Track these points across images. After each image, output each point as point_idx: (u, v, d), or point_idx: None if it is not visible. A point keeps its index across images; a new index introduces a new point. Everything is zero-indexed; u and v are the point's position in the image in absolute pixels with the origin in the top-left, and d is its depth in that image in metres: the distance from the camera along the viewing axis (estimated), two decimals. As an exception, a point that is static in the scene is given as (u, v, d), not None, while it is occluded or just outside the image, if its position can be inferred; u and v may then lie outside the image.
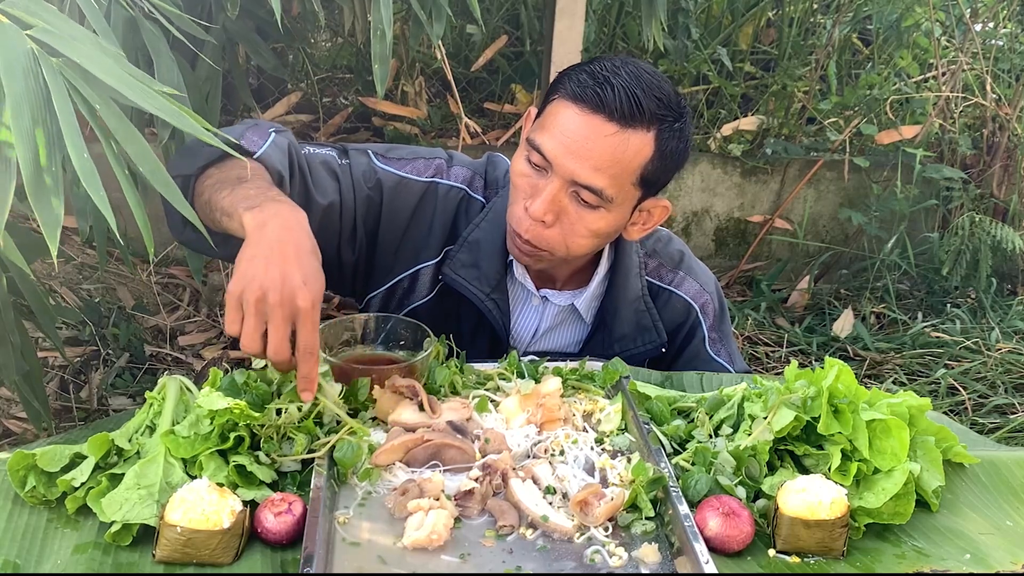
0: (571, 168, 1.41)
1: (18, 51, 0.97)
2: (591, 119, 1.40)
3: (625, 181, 1.44)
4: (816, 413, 1.22)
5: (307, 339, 1.16)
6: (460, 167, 1.67)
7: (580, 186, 1.42)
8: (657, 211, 1.56)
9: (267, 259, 1.15)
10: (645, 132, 1.41)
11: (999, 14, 4.07)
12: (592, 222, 1.46)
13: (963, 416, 2.99)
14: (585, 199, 1.44)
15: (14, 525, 1.09)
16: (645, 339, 1.68)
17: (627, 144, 1.41)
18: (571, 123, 1.41)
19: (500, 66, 3.87)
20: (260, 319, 1.15)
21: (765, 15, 4.11)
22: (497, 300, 1.62)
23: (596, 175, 1.41)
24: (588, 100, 1.40)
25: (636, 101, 1.39)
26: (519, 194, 1.49)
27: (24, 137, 0.94)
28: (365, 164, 1.59)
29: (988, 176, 3.79)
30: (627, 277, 1.66)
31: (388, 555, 1.07)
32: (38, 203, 0.94)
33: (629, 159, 1.42)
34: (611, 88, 1.39)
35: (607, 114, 1.39)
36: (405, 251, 1.63)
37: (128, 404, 2.70)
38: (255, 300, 1.14)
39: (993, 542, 1.17)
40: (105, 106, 1.03)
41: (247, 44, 2.37)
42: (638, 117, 1.40)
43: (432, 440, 1.22)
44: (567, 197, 1.44)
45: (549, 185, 1.44)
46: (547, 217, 1.45)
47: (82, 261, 3.14)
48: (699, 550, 1.05)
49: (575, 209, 1.45)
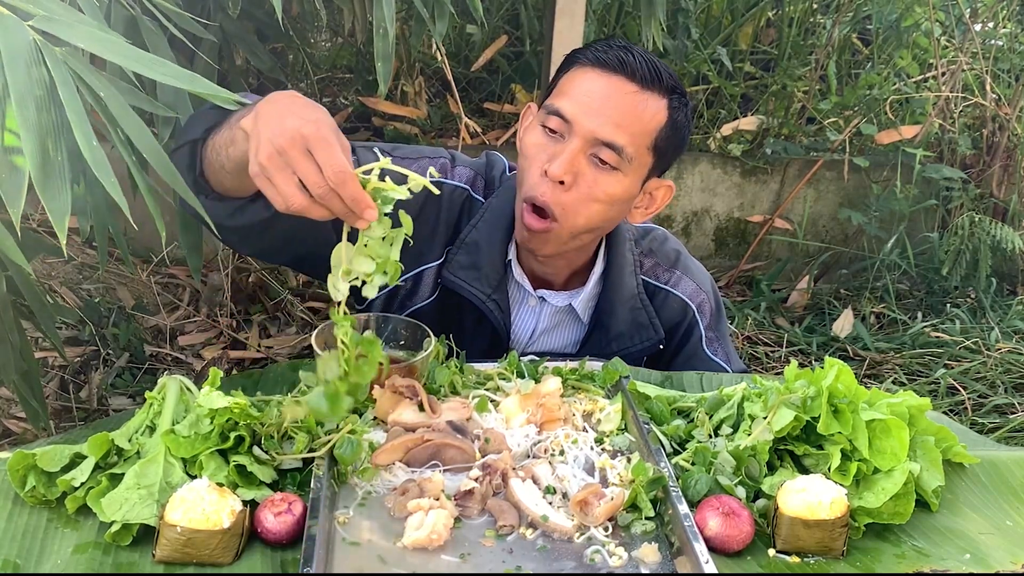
0: (593, 126, 1.45)
1: (20, 42, 0.97)
2: (613, 79, 1.46)
3: (642, 143, 1.48)
4: (816, 413, 1.22)
5: (330, 162, 1.09)
6: (463, 167, 1.67)
7: (601, 143, 1.45)
8: (660, 192, 1.59)
9: (267, 123, 1.11)
10: (660, 98, 1.48)
11: (999, 14, 4.07)
12: (609, 185, 1.48)
13: (963, 416, 2.99)
14: (604, 159, 1.46)
15: (14, 525, 1.09)
16: (642, 336, 1.68)
17: (646, 104, 1.47)
18: (593, 84, 1.47)
19: (500, 66, 3.87)
20: (285, 171, 1.10)
21: (765, 15, 4.11)
22: (498, 301, 1.62)
23: (618, 131, 1.45)
24: (610, 62, 1.46)
25: (655, 67, 1.48)
26: (533, 162, 1.50)
27: (30, 128, 0.94)
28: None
29: (988, 176, 3.80)
30: (621, 276, 1.66)
31: (388, 555, 1.07)
32: (46, 194, 0.94)
33: (647, 119, 1.47)
34: (632, 54, 1.47)
35: (628, 74, 1.46)
36: (409, 252, 1.62)
37: (128, 404, 2.70)
38: (268, 157, 1.09)
39: (993, 542, 1.17)
40: (110, 94, 1.03)
41: (244, 45, 2.37)
42: (657, 82, 1.48)
43: (432, 440, 1.22)
44: (585, 159, 1.47)
45: (569, 145, 1.46)
46: (566, 177, 1.46)
47: (82, 261, 3.14)
48: (699, 550, 1.05)
49: (592, 173, 1.47)
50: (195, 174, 1.35)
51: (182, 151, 1.35)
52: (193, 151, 1.35)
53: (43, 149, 0.95)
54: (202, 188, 1.36)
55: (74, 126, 0.97)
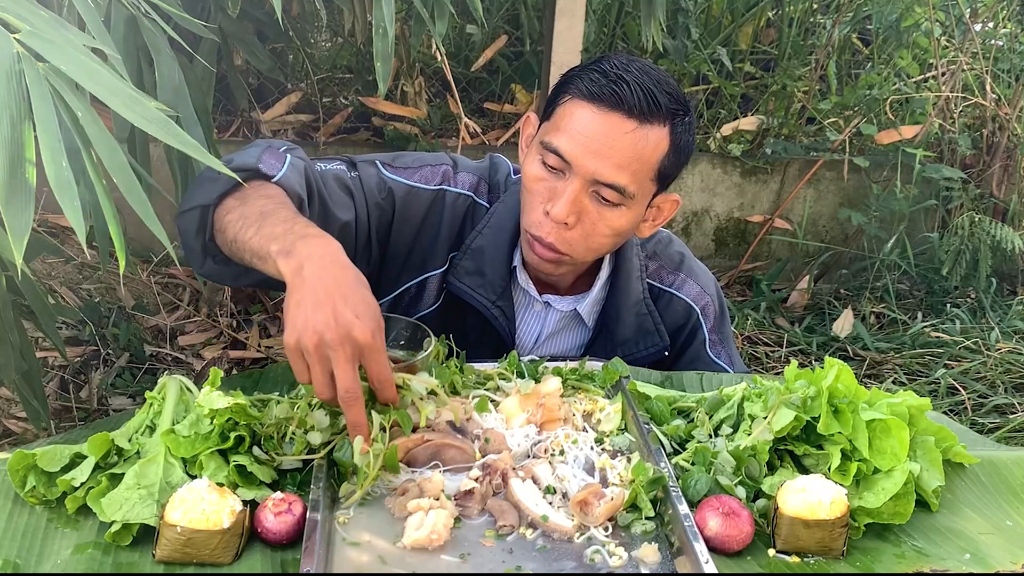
0: (592, 167, 1.41)
1: (3, 55, 0.97)
2: (609, 117, 1.40)
3: (645, 177, 1.45)
4: (816, 413, 1.22)
5: (377, 371, 1.14)
6: (466, 173, 1.66)
7: (602, 185, 1.43)
8: (667, 206, 1.58)
9: (314, 302, 1.12)
10: (661, 127, 1.43)
11: (999, 14, 4.07)
12: (613, 220, 1.47)
13: (963, 416, 2.99)
14: (606, 197, 1.44)
15: (14, 525, 1.09)
16: (648, 342, 1.68)
17: (646, 140, 1.42)
18: (589, 123, 1.41)
19: (500, 66, 3.87)
20: (325, 364, 1.11)
21: (765, 15, 4.11)
22: (503, 307, 1.61)
23: (619, 172, 1.42)
24: (605, 99, 1.40)
25: (652, 97, 1.41)
26: (536, 199, 1.48)
27: (2, 143, 0.93)
28: (375, 175, 1.58)
29: (988, 176, 3.79)
30: (628, 281, 1.66)
31: (388, 555, 1.07)
32: (8, 210, 0.93)
33: (648, 155, 1.43)
34: (627, 85, 1.40)
35: (626, 111, 1.40)
36: (413, 260, 1.62)
37: (128, 404, 2.70)
38: (314, 347, 1.10)
39: (993, 542, 1.17)
40: (87, 114, 1.01)
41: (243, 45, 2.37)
42: (656, 113, 1.41)
43: (432, 440, 1.22)
44: (587, 197, 1.45)
45: (569, 186, 1.43)
46: (570, 219, 1.45)
47: (82, 261, 3.14)
48: (699, 550, 1.05)
49: (596, 209, 1.46)
50: (204, 239, 1.36)
51: (191, 214, 1.34)
52: (204, 216, 1.34)
53: (12, 165, 0.93)
54: (210, 251, 1.37)
55: (42, 145, 0.95)
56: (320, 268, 1.16)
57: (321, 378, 1.12)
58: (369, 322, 1.12)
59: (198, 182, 1.39)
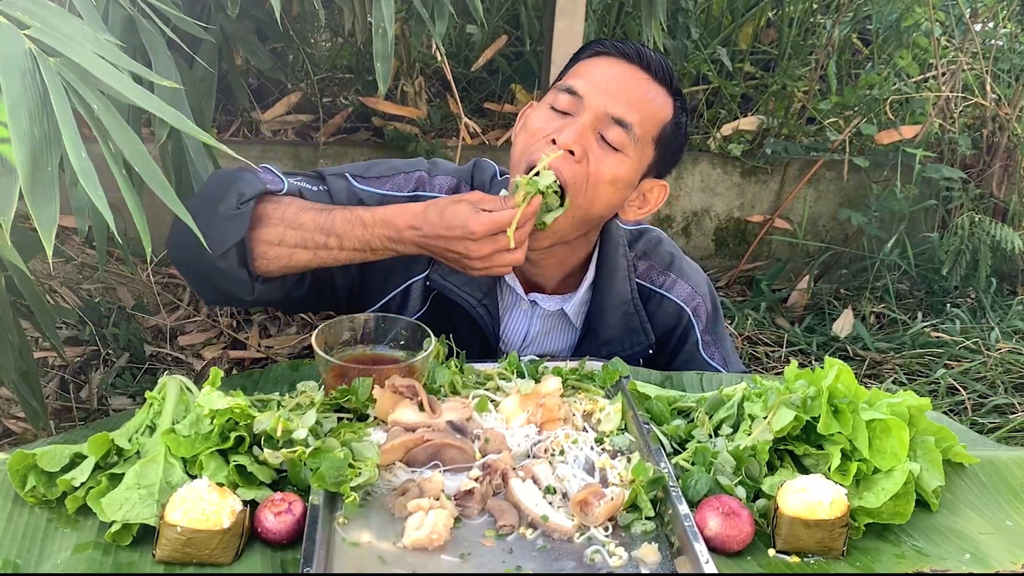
0: (605, 101, 1.47)
1: (16, 51, 0.97)
2: (628, 67, 1.50)
3: (648, 130, 1.50)
4: (816, 413, 1.22)
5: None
6: (443, 176, 1.65)
7: (611, 120, 1.47)
8: (654, 192, 1.60)
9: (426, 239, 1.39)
10: (668, 96, 1.53)
11: (999, 14, 4.07)
12: (614, 165, 1.48)
13: (963, 416, 2.99)
14: (611, 139, 1.47)
15: (14, 525, 1.09)
16: (633, 341, 1.68)
17: (657, 94, 1.52)
18: (608, 68, 1.51)
19: (500, 66, 3.87)
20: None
21: (765, 15, 4.11)
22: (488, 306, 1.61)
23: (629, 110, 1.47)
24: (627, 53, 1.51)
25: (668, 67, 1.53)
26: (537, 134, 1.49)
27: (22, 138, 0.94)
28: (344, 188, 1.58)
29: (988, 176, 3.79)
30: (613, 279, 1.65)
31: (388, 555, 1.07)
32: (35, 204, 0.94)
33: (656, 108, 1.51)
34: (648, 50, 1.53)
35: (644, 65, 1.51)
36: (395, 268, 1.62)
37: (128, 404, 2.69)
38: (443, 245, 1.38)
39: (993, 542, 1.17)
40: (102, 106, 1.02)
41: (243, 45, 2.37)
42: (667, 81, 1.53)
43: (432, 440, 1.22)
44: (593, 137, 1.47)
45: (579, 120, 1.47)
46: (576, 148, 1.45)
47: (82, 261, 3.13)
48: (699, 550, 1.05)
49: (599, 152, 1.47)
50: (248, 269, 1.43)
51: (228, 258, 1.40)
52: (242, 250, 1.41)
53: (34, 159, 0.94)
54: (255, 277, 1.45)
55: (64, 137, 0.97)
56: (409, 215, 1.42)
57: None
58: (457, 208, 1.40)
59: (212, 223, 1.36)
